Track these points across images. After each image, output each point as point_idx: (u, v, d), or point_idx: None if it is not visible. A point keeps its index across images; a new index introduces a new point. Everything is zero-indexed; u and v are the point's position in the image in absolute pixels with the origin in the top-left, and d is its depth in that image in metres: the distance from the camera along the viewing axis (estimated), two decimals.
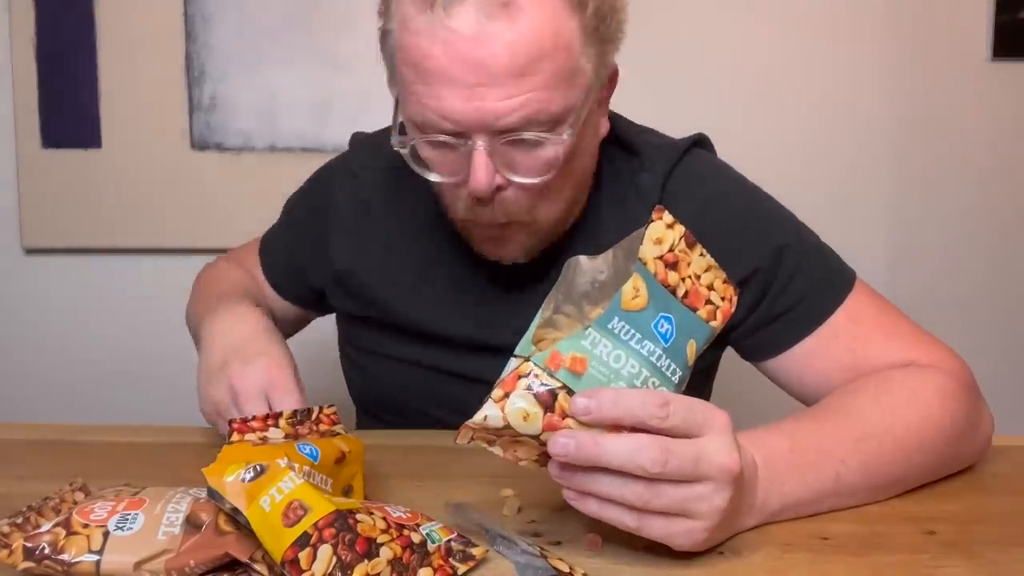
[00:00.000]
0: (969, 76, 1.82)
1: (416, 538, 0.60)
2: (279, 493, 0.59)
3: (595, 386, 0.60)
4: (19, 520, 0.63)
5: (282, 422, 0.71)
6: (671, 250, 0.65)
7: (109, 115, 1.84)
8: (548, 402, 0.60)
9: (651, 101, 1.76)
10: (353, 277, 1.02)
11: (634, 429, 0.60)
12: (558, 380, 0.60)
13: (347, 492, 0.70)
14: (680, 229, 0.66)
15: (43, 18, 1.81)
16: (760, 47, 1.82)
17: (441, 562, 0.61)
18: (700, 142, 0.99)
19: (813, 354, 0.89)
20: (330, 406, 0.76)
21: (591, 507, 0.62)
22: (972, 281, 1.88)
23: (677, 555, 0.65)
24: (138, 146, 1.84)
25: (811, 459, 0.72)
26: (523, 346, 0.64)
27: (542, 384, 0.60)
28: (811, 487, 0.71)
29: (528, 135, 0.79)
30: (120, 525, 0.60)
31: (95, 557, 0.59)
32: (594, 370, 0.61)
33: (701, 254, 0.67)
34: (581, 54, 0.80)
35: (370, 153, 1.05)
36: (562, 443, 0.59)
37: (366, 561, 0.57)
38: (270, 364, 0.82)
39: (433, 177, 0.85)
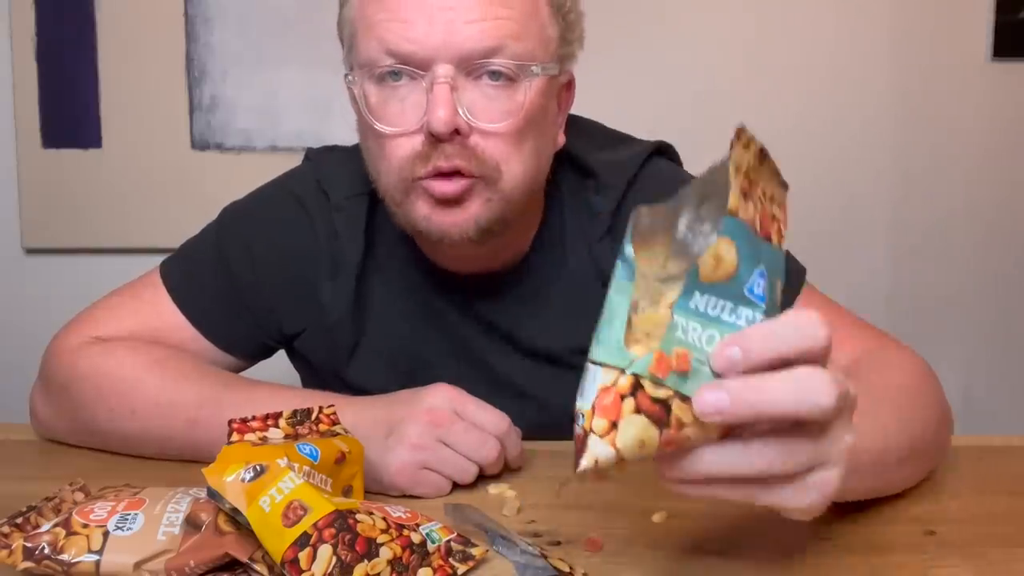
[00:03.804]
0: (969, 76, 1.82)
1: (416, 538, 0.60)
2: (279, 493, 0.59)
3: (703, 380, 0.48)
4: (19, 520, 0.63)
5: (282, 422, 0.71)
6: (747, 176, 0.51)
7: (109, 115, 1.84)
8: (662, 417, 0.47)
9: (649, 101, 1.76)
10: (342, 325, 0.92)
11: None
12: (668, 387, 0.48)
13: (347, 492, 0.70)
14: (755, 146, 0.52)
15: (43, 18, 1.82)
16: (759, 46, 1.82)
17: (441, 562, 0.61)
18: (660, 151, 0.95)
19: None
20: (330, 406, 0.75)
21: (703, 491, 0.50)
22: (972, 281, 1.88)
23: (677, 555, 0.65)
24: (138, 146, 1.84)
25: (863, 428, 0.60)
26: (612, 352, 0.48)
27: (653, 399, 0.48)
28: (876, 444, 0.64)
29: (497, 64, 0.77)
30: (120, 525, 0.60)
31: (95, 557, 0.59)
32: (696, 362, 0.49)
33: (763, 160, 0.53)
34: (548, 20, 0.80)
35: (347, 183, 0.93)
36: (712, 399, 0.46)
37: (366, 561, 0.57)
38: (420, 402, 0.76)
39: (380, 126, 0.79)
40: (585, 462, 0.48)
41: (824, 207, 1.83)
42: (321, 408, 0.75)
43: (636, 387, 0.48)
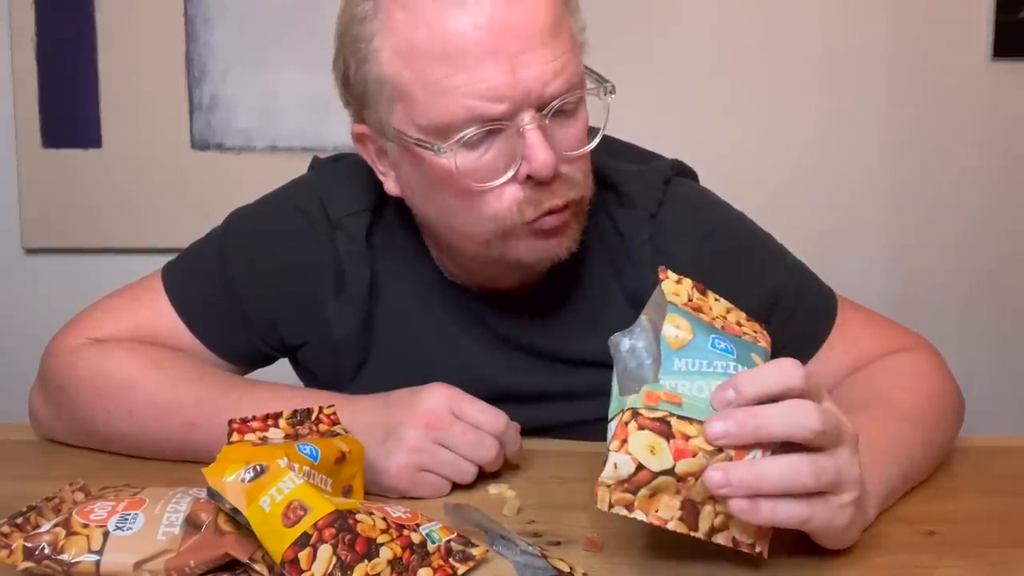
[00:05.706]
0: (969, 76, 1.82)
1: (416, 538, 0.60)
2: (279, 493, 0.59)
3: (697, 412, 0.59)
4: (19, 520, 0.63)
5: (282, 422, 0.71)
6: (690, 300, 0.66)
7: (109, 115, 1.84)
8: (665, 430, 0.58)
9: (650, 102, 1.76)
10: (347, 343, 0.91)
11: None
12: (662, 410, 0.59)
13: (347, 492, 0.70)
14: (688, 282, 0.67)
15: (43, 18, 1.81)
16: (760, 46, 1.82)
17: (441, 562, 0.61)
18: (678, 170, 0.94)
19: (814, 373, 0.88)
20: (330, 406, 0.75)
21: (764, 511, 0.58)
22: (971, 281, 1.88)
23: (676, 555, 0.65)
24: (138, 146, 1.84)
25: (884, 444, 0.73)
26: (615, 407, 0.63)
27: (651, 418, 0.59)
28: (902, 467, 0.74)
29: (569, 100, 0.76)
30: (120, 525, 0.60)
31: (95, 557, 0.59)
32: (688, 400, 0.60)
33: (716, 299, 0.69)
34: (574, 40, 0.80)
35: (347, 200, 0.91)
36: (720, 425, 0.58)
37: (366, 561, 0.57)
38: (417, 404, 0.76)
39: (478, 186, 0.77)
40: (605, 471, 0.58)
41: (822, 206, 1.83)
42: (321, 408, 0.75)
43: (635, 415, 0.59)
